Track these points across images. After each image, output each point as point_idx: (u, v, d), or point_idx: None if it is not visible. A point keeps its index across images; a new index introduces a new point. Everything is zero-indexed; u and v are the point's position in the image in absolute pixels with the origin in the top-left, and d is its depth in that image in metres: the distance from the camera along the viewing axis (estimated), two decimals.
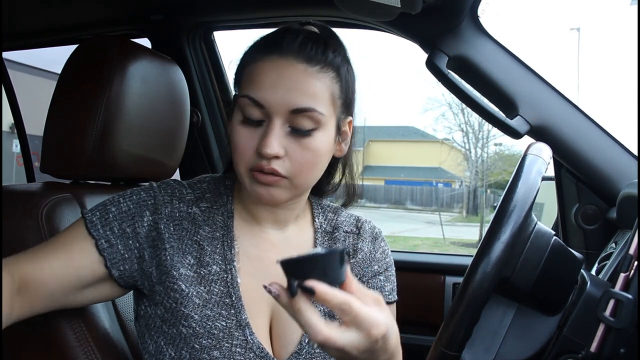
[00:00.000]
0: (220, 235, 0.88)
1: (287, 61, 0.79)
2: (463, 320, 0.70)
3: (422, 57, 1.25)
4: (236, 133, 0.82)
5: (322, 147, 0.82)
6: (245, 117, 0.81)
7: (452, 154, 18.63)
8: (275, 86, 0.78)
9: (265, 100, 0.79)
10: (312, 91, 0.79)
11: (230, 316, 0.84)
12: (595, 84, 14.11)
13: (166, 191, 0.87)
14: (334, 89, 0.82)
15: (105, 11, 1.57)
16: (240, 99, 0.81)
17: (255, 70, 0.81)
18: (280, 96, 0.78)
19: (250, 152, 0.80)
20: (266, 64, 0.80)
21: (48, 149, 1.10)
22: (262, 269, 0.89)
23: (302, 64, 0.80)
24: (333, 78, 0.82)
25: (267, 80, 0.79)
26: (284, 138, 0.80)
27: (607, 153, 1.21)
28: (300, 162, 0.81)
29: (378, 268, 0.97)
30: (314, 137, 0.81)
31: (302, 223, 0.96)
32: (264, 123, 0.81)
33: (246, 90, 0.81)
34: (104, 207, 0.85)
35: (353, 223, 0.99)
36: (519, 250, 0.76)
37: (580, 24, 15.79)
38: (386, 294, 0.96)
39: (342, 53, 0.86)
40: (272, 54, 0.80)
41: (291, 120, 0.79)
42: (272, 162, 0.79)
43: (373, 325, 0.62)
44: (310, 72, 0.80)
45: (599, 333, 0.66)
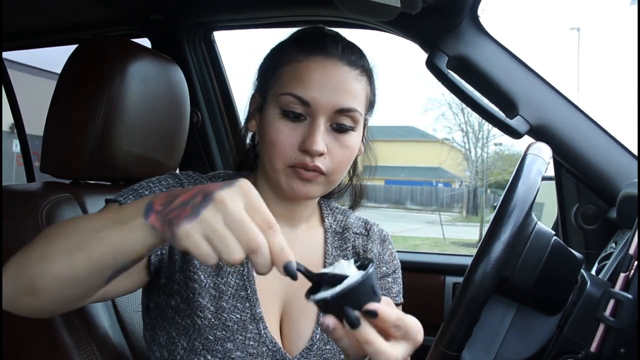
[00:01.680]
0: None
1: (333, 62, 0.84)
2: (463, 320, 0.71)
3: (422, 57, 1.25)
4: (274, 128, 0.83)
5: (356, 144, 0.87)
6: (284, 112, 0.83)
7: (452, 154, 18.62)
8: (323, 85, 0.82)
9: (312, 99, 0.82)
10: (355, 92, 0.84)
11: (245, 309, 0.85)
12: (595, 84, 14.10)
13: (189, 180, 0.89)
14: (368, 92, 0.88)
15: (105, 11, 1.57)
16: (282, 97, 0.83)
17: (300, 69, 0.83)
18: (327, 96, 0.82)
19: (291, 149, 0.82)
20: (312, 64, 0.83)
21: (48, 149, 1.10)
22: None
23: (346, 67, 0.84)
24: (367, 82, 0.88)
25: (314, 80, 0.82)
26: (326, 136, 0.83)
27: (607, 153, 1.20)
28: (339, 159, 0.84)
29: (386, 270, 0.99)
30: (351, 135, 0.85)
31: (312, 223, 0.97)
32: (305, 120, 0.83)
33: (290, 88, 0.83)
34: (136, 192, 0.83)
35: (362, 225, 1.01)
36: (519, 250, 0.76)
37: (580, 24, 15.78)
38: (393, 296, 0.98)
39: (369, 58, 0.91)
40: (317, 55, 0.84)
41: (334, 118, 0.83)
42: (316, 159, 0.82)
43: (418, 333, 0.64)
44: (353, 74, 0.85)
45: (599, 333, 0.66)
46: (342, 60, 0.84)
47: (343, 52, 0.85)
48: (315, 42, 0.86)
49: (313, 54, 0.84)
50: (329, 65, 0.83)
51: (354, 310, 0.57)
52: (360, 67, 0.86)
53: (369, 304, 0.58)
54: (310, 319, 0.90)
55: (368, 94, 0.89)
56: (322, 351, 0.89)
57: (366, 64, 0.88)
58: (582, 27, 15.35)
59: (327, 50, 0.84)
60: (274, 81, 0.87)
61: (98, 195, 1.11)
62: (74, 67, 1.10)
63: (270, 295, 0.89)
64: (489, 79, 1.21)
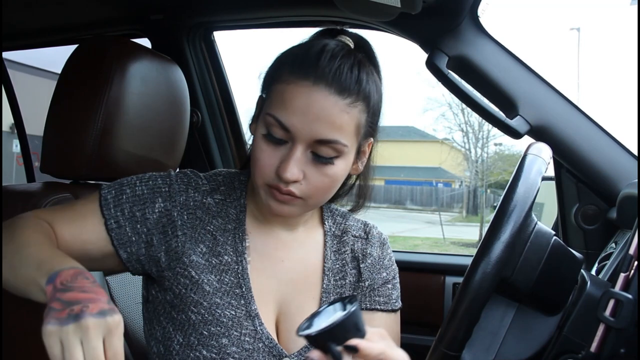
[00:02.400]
0: (232, 227, 0.90)
1: (319, 90, 0.78)
2: (463, 320, 0.70)
3: (422, 57, 1.25)
4: (258, 148, 0.83)
5: (340, 173, 0.84)
6: (268, 133, 0.82)
7: (452, 154, 18.61)
8: (304, 114, 0.78)
9: (292, 126, 0.79)
10: (339, 124, 0.80)
11: (240, 306, 0.86)
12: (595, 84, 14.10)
13: (182, 180, 0.89)
14: (360, 120, 0.83)
15: (105, 11, 1.57)
16: (267, 116, 0.81)
17: (285, 91, 0.80)
18: (307, 125, 0.79)
19: (269, 170, 0.81)
20: (298, 88, 0.79)
21: (48, 149, 1.10)
22: (270, 266, 0.91)
23: (334, 96, 0.79)
24: (361, 110, 0.82)
25: (296, 106, 0.79)
26: (304, 163, 0.81)
27: (607, 153, 1.20)
28: (316, 186, 0.82)
29: (386, 275, 0.98)
30: (334, 164, 0.82)
31: (310, 225, 0.97)
32: (286, 144, 0.81)
33: (274, 110, 0.81)
34: (120, 187, 0.88)
35: (361, 228, 1.00)
36: (519, 250, 0.76)
37: (580, 24, 15.79)
38: (393, 302, 0.98)
39: (374, 73, 0.86)
40: (305, 79, 0.79)
41: (314, 147, 0.80)
42: (290, 185, 0.81)
43: None
44: (340, 105, 0.79)
45: (599, 333, 0.66)
46: (329, 88, 0.78)
47: (334, 76, 0.79)
48: (306, 64, 0.80)
49: (301, 78, 0.79)
50: (315, 94, 0.78)
51: (337, 346, 0.63)
52: (354, 94, 0.80)
53: (351, 340, 0.64)
54: None
55: (361, 123, 0.83)
56: None
57: (365, 88, 0.82)
58: (582, 27, 15.36)
59: (317, 75, 0.79)
60: (267, 95, 0.85)
61: None
62: (74, 67, 1.10)
63: (266, 294, 0.89)
64: (489, 79, 1.21)
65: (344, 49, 0.83)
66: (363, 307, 0.95)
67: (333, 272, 0.94)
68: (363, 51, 0.88)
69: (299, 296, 0.91)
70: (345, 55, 0.82)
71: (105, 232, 0.85)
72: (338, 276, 0.95)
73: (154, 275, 0.88)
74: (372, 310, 0.95)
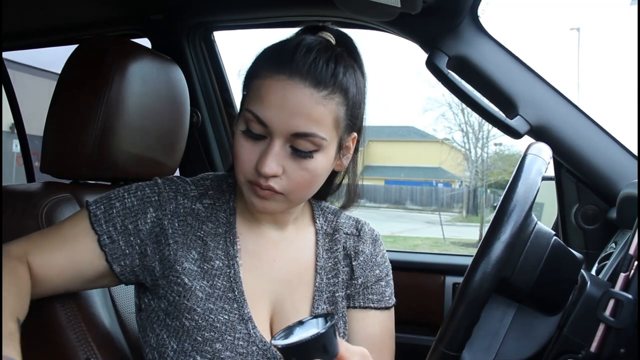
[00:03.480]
0: (223, 231, 0.89)
1: (294, 84, 0.79)
2: (463, 320, 0.70)
3: (422, 57, 1.25)
4: (238, 143, 0.83)
5: (321, 167, 0.83)
6: (247, 129, 0.82)
7: (452, 154, 18.61)
8: (280, 108, 0.78)
9: (268, 120, 0.79)
10: (315, 116, 0.79)
11: (233, 310, 0.85)
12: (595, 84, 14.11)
13: (170, 187, 0.89)
14: (339, 113, 0.82)
15: (105, 11, 1.57)
16: (245, 112, 0.82)
17: (262, 87, 0.81)
18: (284, 119, 0.79)
19: (250, 166, 0.81)
20: (274, 82, 0.79)
21: (48, 149, 1.10)
22: (262, 267, 0.91)
23: (309, 89, 0.79)
24: (339, 103, 0.82)
25: (272, 101, 0.79)
26: (283, 158, 0.81)
27: (607, 153, 1.20)
28: (297, 181, 0.82)
29: (379, 273, 0.98)
30: (314, 158, 0.81)
31: (301, 223, 0.97)
32: (265, 139, 0.81)
33: (251, 105, 0.81)
34: (109, 201, 0.87)
35: (353, 225, 1.00)
36: (519, 250, 0.76)
37: (580, 24, 15.79)
38: (386, 300, 0.98)
39: (353, 67, 0.85)
40: (280, 73, 0.79)
41: (292, 141, 0.80)
42: (270, 180, 0.80)
43: None
44: (316, 98, 0.79)
45: (599, 333, 0.66)
46: (304, 81, 0.78)
47: (309, 69, 0.79)
48: (281, 59, 0.81)
49: (276, 72, 0.80)
50: (290, 87, 0.78)
51: None
52: (329, 87, 0.80)
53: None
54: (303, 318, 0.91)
55: (339, 115, 0.82)
56: None
57: (342, 81, 0.81)
58: (582, 27, 15.37)
59: (292, 69, 0.79)
60: (246, 91, 0.86)
61: (98, 196, 1.11)
62: (74, 67, 1.10)
63: (259, 296, 0.89)
64: (489, 79, 1.21)
65: (321, 43, 0.83)
66: (357, 305, 0.95)
67: (325, 270, 0.94)
68: (344, 46, 0.88)
69: (292, 296, 0.91)
70: (321, 49, 0.82)
71: (98, 248, 0.85)
72: (331, 274, 0.95)
73: (148, 284, 0.88)
74: (366, 308, 0.96)
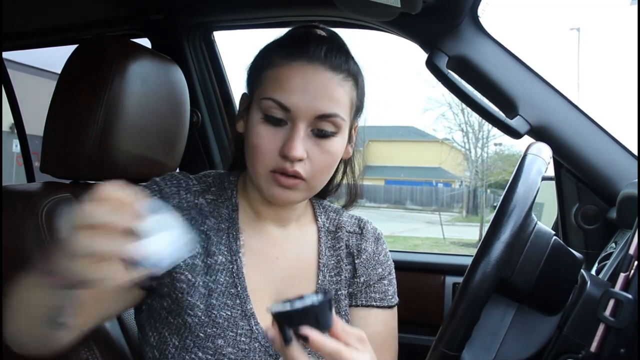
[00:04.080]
0: (226, 227, 0.90)
1: (315, 68, 0.82)
2: (463, 320, 0.70)
3: (422, 57, 1.25)
4: (256, 133, 0.83)
5: (339, 150, 0.86)
6: (266, 116, 0.83)
7: (452, 154, 18.61)
8: (303, 91, 0.81)
9: (292, 105, 0.81)
10: (336, 98, 0.83)
11: (235, 306, 0.85)
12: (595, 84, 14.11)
13: (172, 182, 0.89)
14: (352, 96, 0.87)
15: (105, 11, 1.57)
16: (263, 101, 0.83)
17: (281, 74, 0.83)
18: (308, 101, 0.81)
19: (272, 154, 0.82)
20: (293, 69, 0.82)
21: (48, 149, 1.10)
22: (264, 264, 0.91)
23: (329, 72, 0.83)
24: (352, 86, 0.87)
25: (294, 85, 0.81)
26: (306, 141, 0.82)
27: (607, 153, 1.20)
28: (320, 165, 0.84)
29: (382, 271, 0.98)
30: (333, 141, 0.84)
31: (303, 222, 0.97)
32: (286, 125, 0.82)
33: (271, 93, 0.82)
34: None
35: (355, 223, 1.00)
36: (519, 250, 0.76)
37: (580, 24, 15.78)
38: (389, 298, 0.98)
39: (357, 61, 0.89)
40: (299, 60, 0.83)
41: (315, 124, 0.83)
42: (295, 165, 0.82)
43: None
44: (335, 80, 0.83)
45: (599, 333, 0.66)
46: (324, 65, 0.83)
47: (326, 56, 0.83)
48: (297, 46, 0.84)
49: (294, 59, 0.83)
50: (310, 71, 0.82)
51: (290, 330, 0.64)
52: (344, 72, 0.85)
53: (303, 329, 0.64)
54: None
55: (353, 98, 0.87)
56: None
57: (352, 68, 0.87)
58: (582, 27, 15.36)
59: (309, 55, 0.83)
60: (257, 84, 0.87)
61: None
62: (74, 67, 1.10)
63: (262, 292, 0.89)
64: (489, 79, 1.21)
65: (329, 39, 0.88)
66: (359, 303, 0.95)
67: (328, 268, 0.95)
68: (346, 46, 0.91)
69: (295, 291, 0.91)
70: (327, 39, 0.87)
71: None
72: (333, 272, 0.95)
73: (153, 285, 0.87)
74: (368, 307, 0.96)
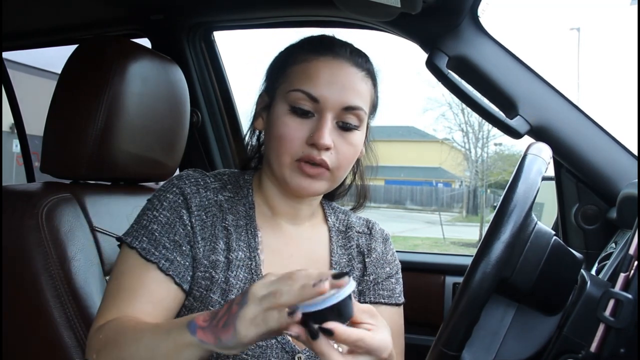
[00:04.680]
0: (244, 224, 0.91)
1: (341, 63, 0.88)
2: (463, 320, 0.70)
3: (422, 57, 1.25)
4: (283, 123, 0.86)
5: (360, 144, 0.90)
6: (293, 108, 0.86)
7: (452, 154, 18.60)
8: (331, 83, 0.85)
9: (321, 96, 0.85)
10: (361, 91, 0.88)
11: None
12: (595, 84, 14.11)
13: (190, 181, 0.89)
14: (372, 94, 0.92)
15: (105, 11, 1.57)
16: (291, 93, 0.86)
17: (309, 68, 0.87)
18: (336, 93, 0.85)
19: (298, 143, 0.85)
20: (321, 63, 0.87)
21: (48, 149, 1.10)
22: (280, 261, 0.92)
23: (353, 68, 0.88)
24: (372, 85, 0.92)
25: (322, 78, 0.86)
26: (332, 132, 0.86)
27: (607, 153, 1.20)
28: (345, 156, 0.87)
29: (390, 270, 1.00)
30: (356, 134, 0.88)
31: (315, 221, 0.99)
32: (312, 116, 0.86)
33: (300, 85, 0.86)
34: (145, 229, 0.84)
35: (364, 224, 1.03)
36: (519, 250, 0.76)
37: (580, 24, 15.78)
38: (396, 296, 1.00)
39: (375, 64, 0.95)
40: (326, 55, 0.88)
41: (340, 116, 0.86)
42: (323, 153, 0.85)
43: (383, 351, 0.67)
44: (359, 75, 0.89)
45: (599, 333, 0.66)
46: (349, 62, 0.88)
47: (351, 54, 0.89)
48: (324, 44, 0.90)
49: (322, 54, 0.88)
50: (337, 65, 0.87)
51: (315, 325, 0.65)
52: (366, 70, 0.90)
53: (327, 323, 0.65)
54: None
55: (372, 96, 0.92)
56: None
57: (371, 68, 0.92)
58: (582, 27, 15.35)
59: (336, 52, 0.88)
60: (283, 79, 0.90)
61: (98, 195, 1.11)
62: (74, 67, 1.10)
63: None
64: (489, 79, 1.21)
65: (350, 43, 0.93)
66: (367, 300, 0.97)
67: (340, 265, 0.96)
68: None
69: None
70: (350, 43, 0.93)
71: (163, 275, 0.82)
72: (345, 270, 0.96)
73: None
74: (376, 303, 0.97)
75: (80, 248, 1.01)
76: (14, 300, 0.98)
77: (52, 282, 0.97)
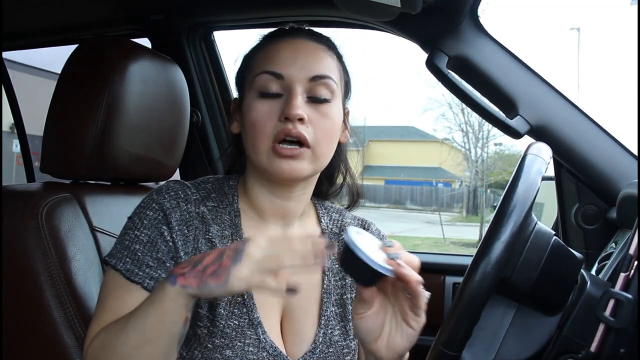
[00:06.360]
0: (229, 233, 0.88)
1: (299, 39, 0.89)
2: (463, 320, 0.70)
3: (422, 57, 1.25)
4: (254, 109, 0.85)
5: (337, 117, 0.89)
6: (262, 93, 0.85)
7: (452, 154, 18.61)
8: (294, 59, 0.86)
9: (285, 72, 0.85)
10: (325, 61, 0.88)
11: (242, 314, 0.84)
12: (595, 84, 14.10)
13: (170, 195, 0.86)
14: (339, 67, 0.92)
15: (105, 11, 1.57)
16: (256, 78, 0.86)
17: (269, 51, 0.88)
18: (299, 66, 0.85)
19: (272, 123, 0.84)
20: (281, 43, 0.88)
21: (48, 149, 1.10)
22: None
23: (314, 42, 0.90)
24: (337, 59, 0.92)
25: (284, 55, 0.86)
26: (304, 106, 0.84)
27: (607, 153, 1.20)
28: (321, 129, 0.85)
29: None
30: (329, 106, 0.87)
31: (306, 222, 0.96)
32: (282, 96, 0.85)
33: (263, 67, 0.86)
34: (129, 249, 0.83)
35: (359, 224, 1.00)
36: (519, 250, 0.76)
37: (580, 24, 15.78)
38: None
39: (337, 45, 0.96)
40: (284, 37, 0.90)
41: (310, 89, 0.86)
42: (298, 126, 0.83)
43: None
44: (321, 47, 0.90)
45: (599, 333, 0.66)
46: (308, 38, 0.90)
47: (308, 33, 0.91)
48: (281, 31, 0.92)
49: (280, 38, 0.90)
50: (297, 42, 0.89)
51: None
52: (326, 44, 0.91)
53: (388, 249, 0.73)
54: (312, 321, 0.90)
55: (340, 70, 0.92)
56: (325, 354, 0.89)
57: (332, 43, 0.93)
58: (582, 27, 15.37)
59: (294, 33, 0.91)
60: (247, 72, 0.90)
61: (98, 195, 1.11)
62: (74, 67, 1.10)
63: (268, 300, 0.87)
64: (489, 79, 1.21)
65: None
66: None
67: (333, 272, 0.94)
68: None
69: (301, 299, 0.90)
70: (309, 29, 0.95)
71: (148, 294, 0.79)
72: (338, 276, 0.94)
73: None
74: None
75: (80, 248, 1.01)
76: (14, 300, 0.98)
77: (52, 282, 0.97)
